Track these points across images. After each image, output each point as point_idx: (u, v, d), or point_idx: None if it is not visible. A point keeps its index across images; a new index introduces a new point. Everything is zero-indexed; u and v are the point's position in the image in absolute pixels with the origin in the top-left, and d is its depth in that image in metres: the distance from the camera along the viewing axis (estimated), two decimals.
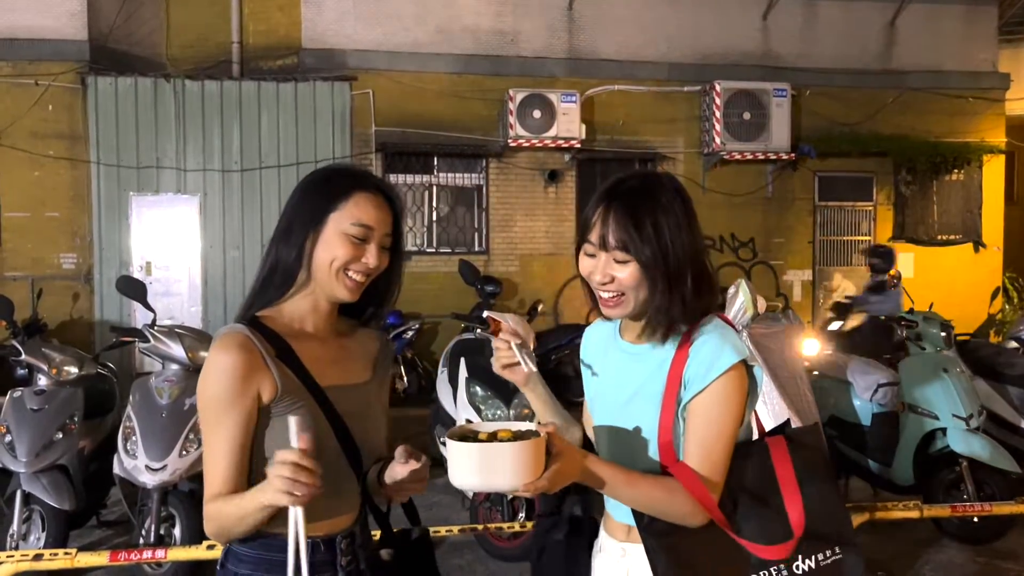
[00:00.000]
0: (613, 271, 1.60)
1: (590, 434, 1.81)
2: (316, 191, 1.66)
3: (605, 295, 1.62)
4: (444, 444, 1.48)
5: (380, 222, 1.66)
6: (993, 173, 11.06)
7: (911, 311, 5.62)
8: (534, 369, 1.66)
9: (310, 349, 1.65)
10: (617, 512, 1.70)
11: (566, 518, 1.78)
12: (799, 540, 1.61)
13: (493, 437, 1.48)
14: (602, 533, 1.78)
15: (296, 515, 1.46)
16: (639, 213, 1.57)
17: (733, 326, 1.67)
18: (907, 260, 10.68)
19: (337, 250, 1.61)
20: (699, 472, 1.55)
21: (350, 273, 1.63)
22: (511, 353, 1.65)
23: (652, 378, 1.63)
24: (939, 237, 11.00)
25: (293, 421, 1.46)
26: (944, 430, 4.94)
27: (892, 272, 5.89)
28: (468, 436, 1.48)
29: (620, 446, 1.65)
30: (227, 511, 1.55)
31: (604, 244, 1.59)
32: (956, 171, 10.91)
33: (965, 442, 4.82)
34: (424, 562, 1.81)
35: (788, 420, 1.85)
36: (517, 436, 1.47)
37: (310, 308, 1.67)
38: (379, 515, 1.78)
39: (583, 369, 1.82)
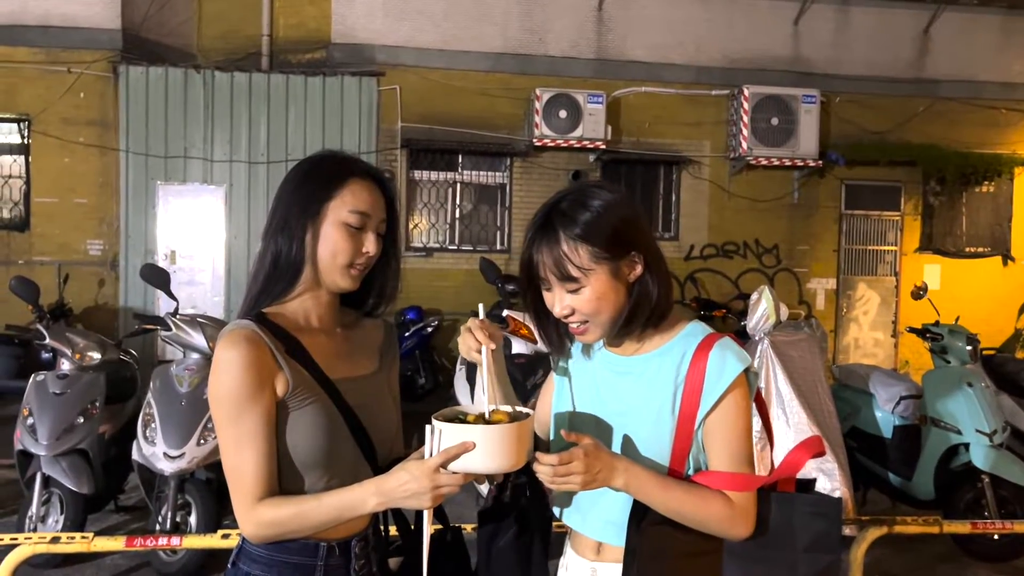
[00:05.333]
0: (568, 301, 1.57)
1: (538, 425, 1.76)
2: (310, 180, 1.63)
3: (573, 325, 1.60)
4: (431, 429, 1.45)
5: (376, 208, 1.65)
6: None
7: (936, 323, 5.55)
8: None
9: (317, 343, 1.63)
10: (586, 528, 1.65)
11: (511, 519, 1.70)
12: None
13: (481, 420, 1.48)
14: (568, 551, 1.72)
15: (426, 515, 1.52)
16: (575, 236, 1.54)
17: (738, 338, 1.64)
18: (933, 272, 10.56)
19: (338, 244, 1.60)
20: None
21: (353, 264, 1.63)
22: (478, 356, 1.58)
23: (654, 392, 1.59)
24: (967, 249, 10.84)
25: (429, 430, 1.45)
26: (967, 445, 4.88)
27: (919, 283, 5.81)
28: (455, 420, 1.49)
29: None
30: (311, 516, 1.51)
31: (548, 280, 1.58)
32: (987, 183, 10.75)
33: (988, 458, 4.76)
34: (460, 565, 1.79)
35: (815, 479, 1.76)
36: (511, 417, 1.49)
37: (314, 302, 1.66)
38: (400, 517, 1.75)
39: (556, 377, 1.77)
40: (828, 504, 1.63)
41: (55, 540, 3.77)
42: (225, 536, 3.43)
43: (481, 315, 1.62)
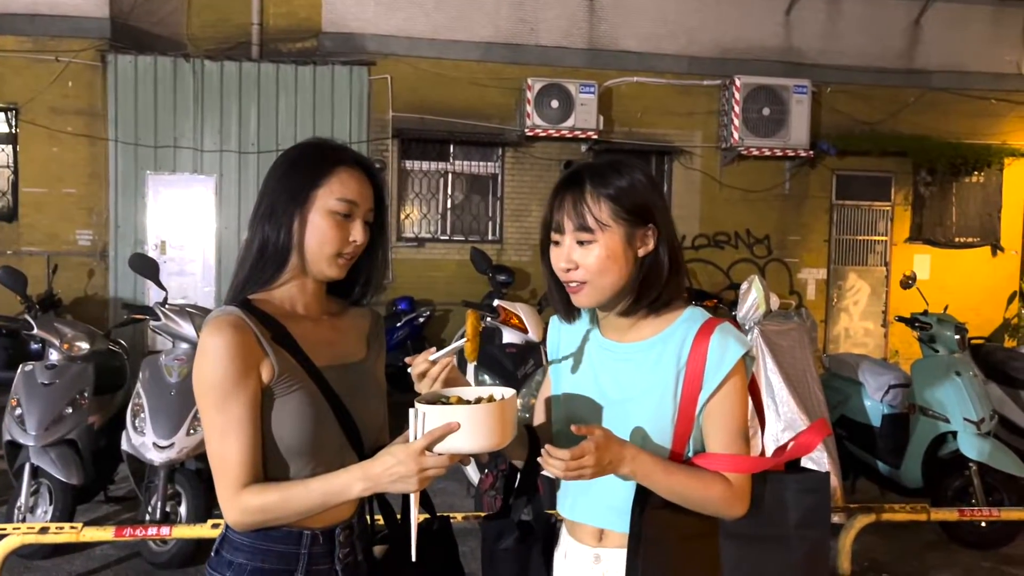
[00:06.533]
0: (575, 256, 1.59)
1: (542, 426, 1.76)
2: (297, 168, 1.63)
3: (571, 284, 1.61)
4: (415, 413, 1.45)
5: (364, 197, 1.64)
6: (1014, 176, 10.93)
7: (925, 312, 5.58)
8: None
9: (304, 330, 1.63)
10: (586, 516, 1.66)
11: (514, 523, 1.70)
12: None
13: (463, 401, 1.50)
14: (566, 538, 1.72)
15: (413, 499, 1.52)
16: (601, 191, 1.57)
17: (737, 322, 1.67)
18: (923, 261, 10.60)
19: (326, 233, 1.60)
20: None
21: (341, 253, 1.63)
22: (436, 370, 1.56)
23: (656, 378, 1.60)
24: (956, 239, 10.89)
25: (412, 413, 1.44)
26: (954, 433, 4.91)
27: (908, 272, 5.84)
28: (437, 402, 1.49)
29: None
30: (296, 502, 1.50)
31: (562, 228, 1.59)
32: (976, 173, 10.79)
33: (975, 446, 4.79)
34: (447, 554, 1.78)
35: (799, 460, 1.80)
36: (494, 397, 1.50)
37: (300, 290, 1.66)
38: (386, 505, 1.75)
39: (552, 368, 1.77)
40: (817, 480, 1.67)
41: (44, 530, 3.76)
42: (215, 526, 3.43)
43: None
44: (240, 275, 1.64)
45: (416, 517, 1.54)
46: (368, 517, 1.76)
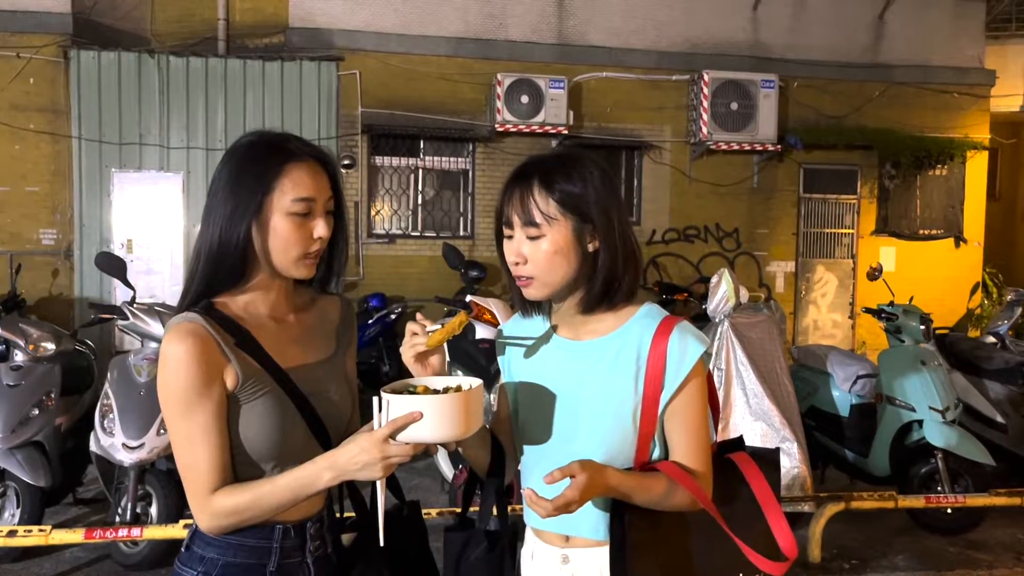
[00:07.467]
0: (525, 250, 1.57)
1: (501, 431, 1.74)
2: (246, 173, 1.55)
3: (521, 278, 1.59)
4: (379, 401, 1.44)
5: (320, 189, 1.58)
6: (976, 169, 11.13)
7: (891, 304, 5.67)
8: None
9: (269, 332, 1.60)
10: (553, 525, 1.63)
11: (482, 532, 1.67)
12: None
13: (430, 391, 1.49)
14: (532, 538, 1.71)
15: (379, 485, 1.50)
16: (548, 185, 1.55)
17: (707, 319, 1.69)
18: (889, 254, 10.76)
19: (289, 236, 1.55)
20: (692, 468, 1.56)
21: (308, 254, 1.59)
22: (422, 340, 1.53)
23: (615, 375, 1.59)
24: (921, 231, 11.07)
25: (377, 402, 1.43)
26: (921, 422, 5.00)
27: (874, 264, 5.93)
28: (404, 392, 1.49)
29: (571, 446, 1.59)
30: (267, 500, 1.49)
31: (512, 222, 1.57)
32: (940, 166, 10.97)
33: (941, 434, 4.88)
34: (415, 539, 1.78)
35: (742, 436, 1.82)
36: (460, 388, 1.49)
37: (266, 290, 1.62)
38: (355, 492, 1.75)
39: (504, 367, 1.75)
40: (767, 453, 1.70)
41: (12, 534, 3.71)
42: (187, 526, 3.40)
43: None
44: (202, 279, 1.59)
45: (383, 503, 1.54)
46: (339, 509, 1.76)
